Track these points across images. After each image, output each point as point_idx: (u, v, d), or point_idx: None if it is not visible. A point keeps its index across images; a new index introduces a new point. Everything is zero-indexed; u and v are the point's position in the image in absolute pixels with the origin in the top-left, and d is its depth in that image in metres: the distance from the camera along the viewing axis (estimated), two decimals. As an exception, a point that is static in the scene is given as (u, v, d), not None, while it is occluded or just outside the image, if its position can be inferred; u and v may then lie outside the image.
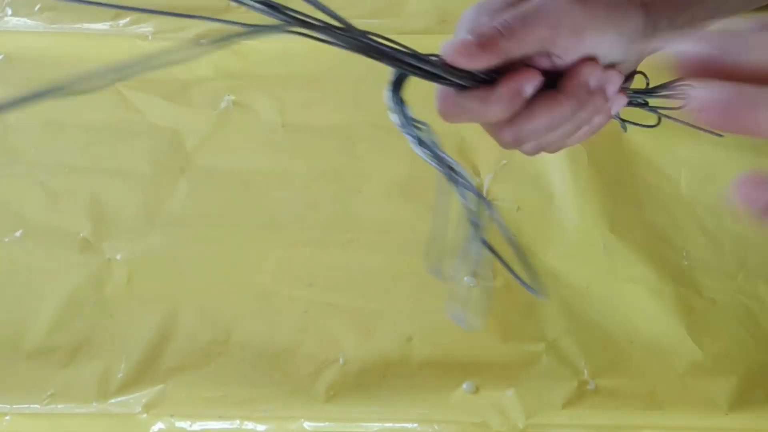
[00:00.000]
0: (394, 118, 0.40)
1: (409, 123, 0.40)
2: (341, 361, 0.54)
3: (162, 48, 0.73)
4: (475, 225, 0.38)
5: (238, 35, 0.30)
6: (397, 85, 0.40)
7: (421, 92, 0.40)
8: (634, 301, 0.56)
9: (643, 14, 0.38)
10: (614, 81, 0.39)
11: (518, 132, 0.38)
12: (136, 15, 0.69)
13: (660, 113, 0.43)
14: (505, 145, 0.40)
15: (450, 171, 0.38)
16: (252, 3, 0.33)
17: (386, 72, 0.75)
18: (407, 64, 0.36)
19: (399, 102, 0.40)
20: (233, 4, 0.70)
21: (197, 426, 0.51)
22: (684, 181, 0.61)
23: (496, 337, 0.54)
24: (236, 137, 0.64)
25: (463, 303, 0.38)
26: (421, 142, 0.39)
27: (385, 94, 0.39)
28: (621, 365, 0.53)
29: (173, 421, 0.51)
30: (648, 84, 0.42)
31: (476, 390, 0.52)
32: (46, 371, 0.53)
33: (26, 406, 0.52)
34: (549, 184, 0.61)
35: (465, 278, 0.57)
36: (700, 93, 0.30)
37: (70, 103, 0.65)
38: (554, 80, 0.38)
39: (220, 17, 0.69)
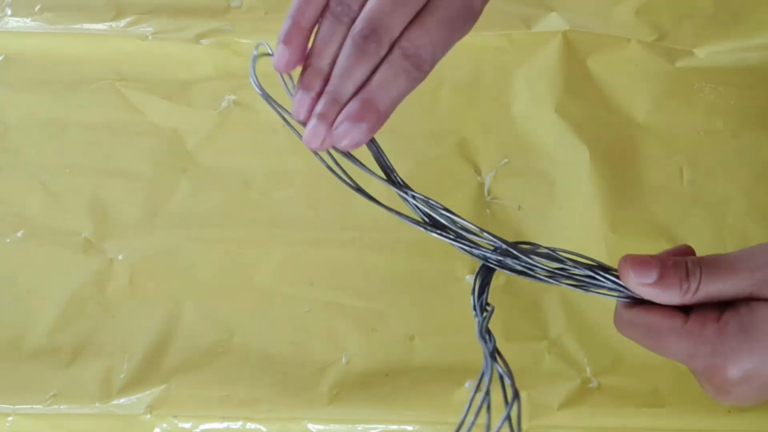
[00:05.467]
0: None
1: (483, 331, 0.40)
2: (344, 360, 0.54)
3: (162, 48, 0.72)
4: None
5: None
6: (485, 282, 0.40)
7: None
8: (636, 298, 0.56)
9: None
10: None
11: None
12: (136, 15, 0.69)
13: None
14: None
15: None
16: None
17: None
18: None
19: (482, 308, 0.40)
20: (234, 3, 0.70)
21: (200, 428, 0.51)
22: (686, 177, 0.61)
23: (498, 336, 0.54)
24: (237, 137, 0.64)
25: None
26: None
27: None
28: (623, 363, 0.53)
29: (176, 422, 0.51)
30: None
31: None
32: (49, 372, 0.53)
33: (29, 406, 0.52)
34: (550, 183, 0.61)
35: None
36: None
37: (70, 103, 0.66)
38: None
39: (220, 17, 0.70)
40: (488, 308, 0.40)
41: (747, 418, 0.50)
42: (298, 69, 0.40)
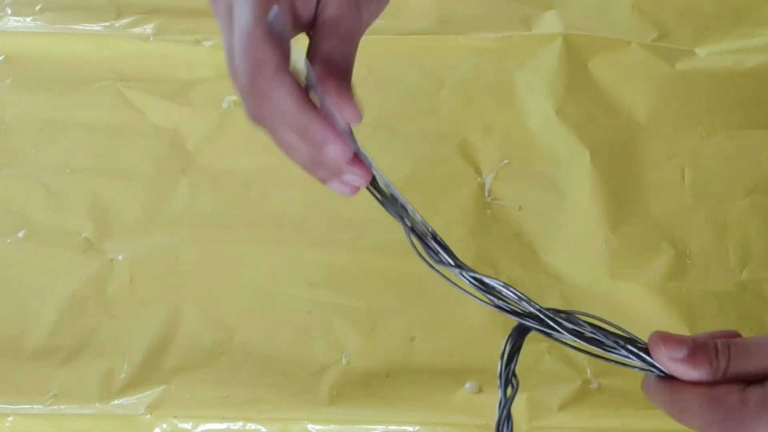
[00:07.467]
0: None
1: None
2: (344, 360, 0.54)
3: (162, 48, 0.72)
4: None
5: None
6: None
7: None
8: (637, 299, 0.56)
9: None
10: None
11: None
12: (136, 15, 0.69)
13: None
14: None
15: None
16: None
17: (384, 70, 0.75)
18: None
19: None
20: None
21: (200, 428, 0.51)
22: (687, 178, 0.61)
23: (499, 337, 0.54)
24: (237, 137, 0.64)
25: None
26: None
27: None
28: (623, 364, 0.53)
29: (176, 422, 0.51)
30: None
31: (479, 389, 0.52)
32: (49, 372, 0.53)
33: (29, 407, 0.52)
34: (551, 183, 0.61)
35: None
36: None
37: (71, 104, 0.66)
38: None
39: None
40: (514, 383, 0.39)
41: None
42: None
